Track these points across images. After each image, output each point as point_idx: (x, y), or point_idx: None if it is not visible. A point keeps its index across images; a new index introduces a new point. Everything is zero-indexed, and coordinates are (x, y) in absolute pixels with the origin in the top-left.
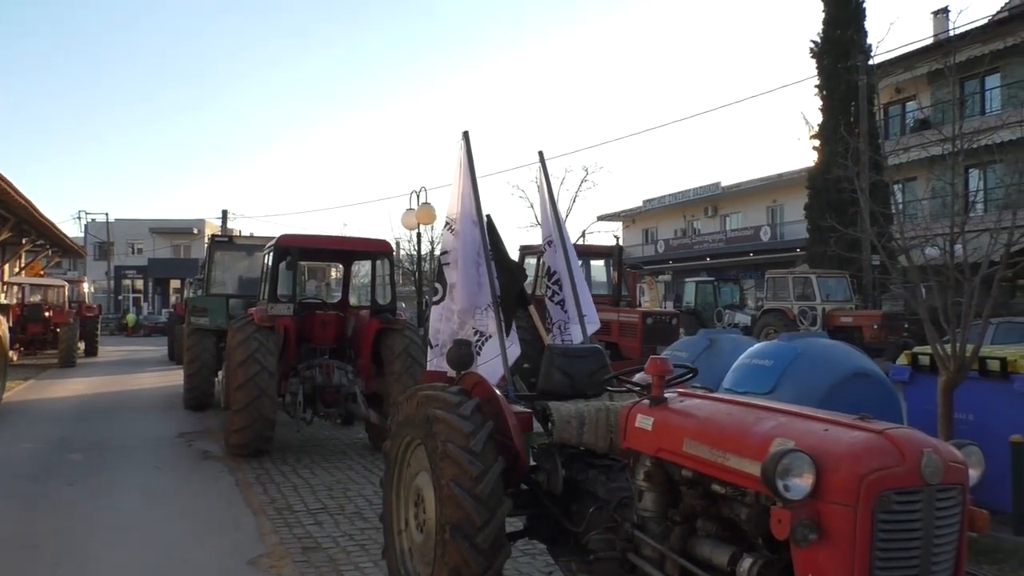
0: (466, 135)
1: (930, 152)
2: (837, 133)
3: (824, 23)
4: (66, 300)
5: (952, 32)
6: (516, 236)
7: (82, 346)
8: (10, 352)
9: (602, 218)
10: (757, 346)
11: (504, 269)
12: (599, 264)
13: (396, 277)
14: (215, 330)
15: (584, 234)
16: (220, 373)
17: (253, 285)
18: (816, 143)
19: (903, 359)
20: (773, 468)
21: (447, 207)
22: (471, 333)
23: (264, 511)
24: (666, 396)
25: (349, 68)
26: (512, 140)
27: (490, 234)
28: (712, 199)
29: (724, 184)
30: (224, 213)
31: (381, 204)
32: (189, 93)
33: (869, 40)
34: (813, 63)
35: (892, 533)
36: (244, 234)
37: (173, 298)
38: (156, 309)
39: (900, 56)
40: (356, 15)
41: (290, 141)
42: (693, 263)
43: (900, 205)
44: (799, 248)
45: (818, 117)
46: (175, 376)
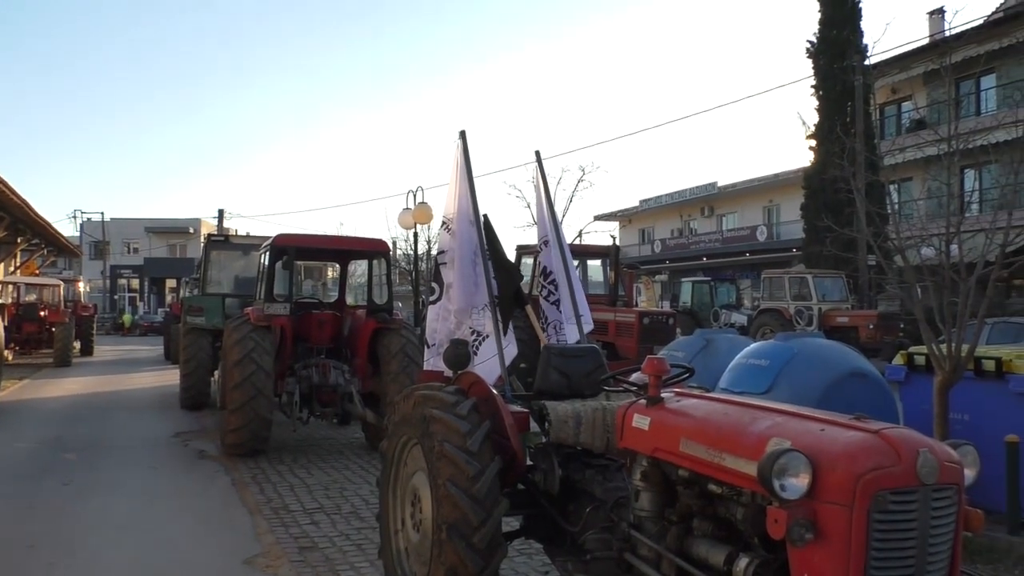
0: (463, 135)
1: (926, 152)
2: (833, 133)
3: (820, 23)
4: (61, 299)
5: (948, 32)
6: (513, 236)
7: (77, 345)
8: (5, 351)
9: (599, 218)
10: (753, 346)
11: (501, 269)
12: (596, 264)
13: (393, 277)
14: (211, 330)
15: (581, 234)
16: (216, 373)
17: (249, 285)
18: (812, 143)
19: (899, 359)
20: (769, 468)
21: (444, 207)
22: (468, 333)
23: (260, 511)
24: (663, 396)
25: (345, 68)
26: (509, 140)
27: (487, 234)
28: (708, 199)
29: (720, 184)
30: (220, 212)
31: (377, 203)
32: (185, 93)
33: (865, 40)
34: (809, 63)
35: (888, 533)
36: (240, 233)
37: (169, 297)
38: (152, 308)
39: (896, 56)
40: (353, 16)
41: (286, 140)
42: (689, 263)
43: (896, 205)
44: (795, 248)
45: (814, 117)
46: (171, 376)
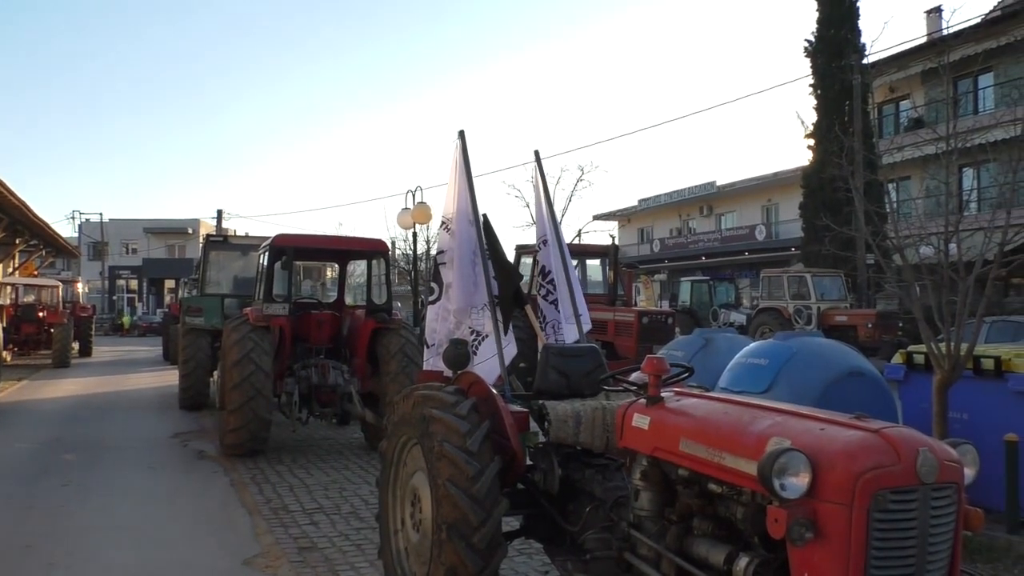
0: (462, 134)
1: (924, 151)
2: (831, 132)
3: (818, 22)
4: (60, 300)
5: (945, 31)
6: (512, 235)
7: (76, 346)
8: (4, 352)
9: (598, 217)
10: (753, 345)
11: (500, 268)
12: (595, 264)
13: (392, 277)
14: (210, 330)
15: (580, 233)
16: (215, 373)
17: (248, 285)
18: (810, 142)
19: (898, 358)
20: (769, 467)
21: (443, 206)
22: (467, 332)
23: (259, 511)
24: (662, 395)
25: (343, 69)
26: (508, 140)
27: (486, 233)
28: (707, 198)
29: (719, 183)
30: (219, 213)
31: (376, 203)
32: (183, 93)
33: (863, 39)
34: (807, 62)
35: (888, 532)
36: (239, 234)
37: (168, 298)
38: (151, 309)
39: (894, 55)
40: (352, 16)
41: (285, 141)
42: (688, 262)
43: (894, 204)
44: (794, 247)
45: (812, 116)
46: (170, 376)
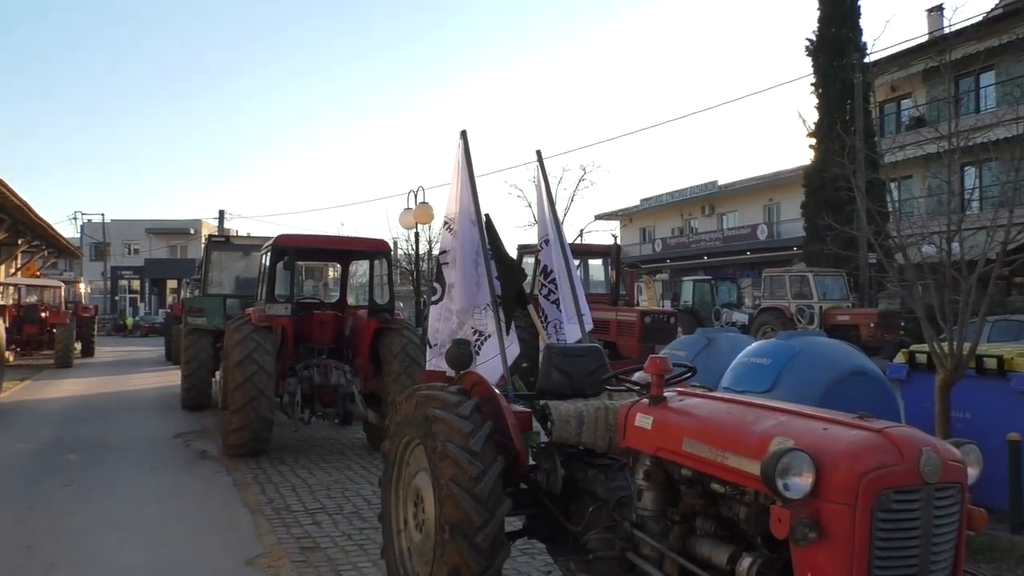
0: (464, 134)
1: (925, 150)
2: (833, 131)
3: (819, 21)
4: (62, 301)
5: (947, 30)
6: (514, 235)
7: (78, 347)
8: (6, 353)
9: (599, 217)
10: (755, 345)
11: (503, 268)
12: (597, 263)
13: (394, 277)
14: (212, 330)
15: (582, 233)
16: (217, 373)
17: (250, 285)
18: (812, 141)
19: (900, 357)
20: (773, 467)
21: (445, 206)
22: (470, 332)
23: (262, 511)
24: (665, 395)
25: (345, 69)
26: (510, 139)
27: (489, 233)
28: (709, 198)
29: (721, 183)
30: (221, 213)
31: (379, 204)
32: (185, 94)
33: (865, 38)
34: (809, 61)
35: (891, 532)
36: (241, 234)
37: (170, 298)
38: (153, 309)
39: (895, 54)
40: (352, 16)
41: (287, 141)
42: (690, 262)
43: (896, 203)
44: (796, 247)
45: (814, 115)
46: (172, 376)
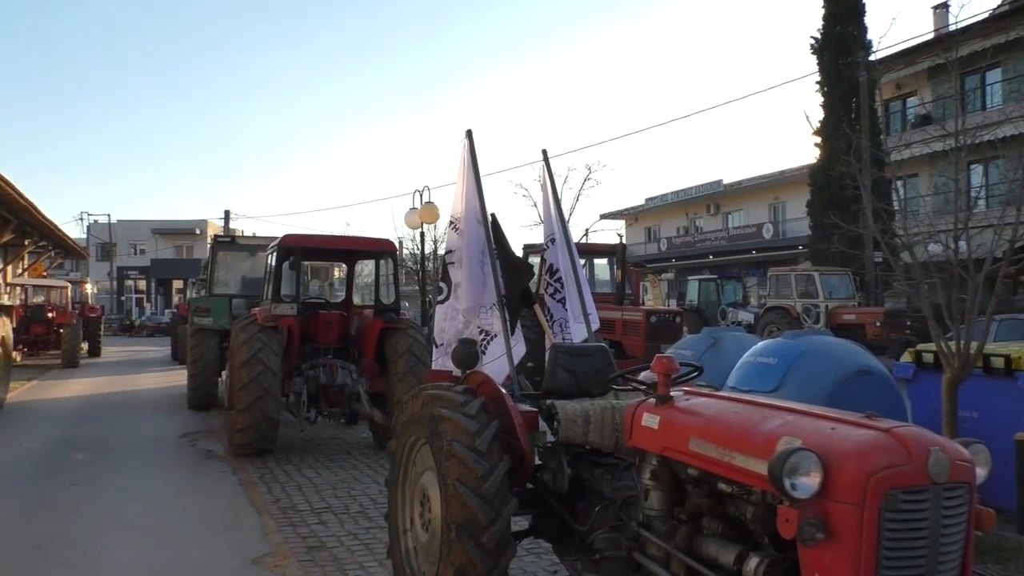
0: (469, 134)
1: (932, 148)
2: (839, 130)
3: (824, 19)
4: (69, 301)
5: (953, 27)
6: (519, 235)
7: (85, 347)
8: (13, 353)
9: (605, 216)
10: (761, 344)
11: (509, 267)
12: (602, 263)
13: (400, 276)
14: (218, 330)
15: (587, 232)
16: (223, 373)
17: (256, 285)
18: (818, 140)
19: (907, 356)
20: (780, 467)
21: (451, 206)
22: (476, 332)
23: (268, 510)
24: (672, 395)
25: (351, 68)
26: (515, 139)
27: (495, 233)
28: (714, 197)
29: (726, 182)
30: (226, 213)
31: (384, 203)
32: (190, 95)
33: (870, 36)
34: (814, 59)
35: (899, 532)
36: (247, 234)
37: (176, 298)
38: (159, 309)
39: (900, 52)
40: (358, 19)
41: (293, 141)
42: (696, 261)
43: (903, 201)
44: (801, 245)
45: (819, 114)
46: (178, 376)
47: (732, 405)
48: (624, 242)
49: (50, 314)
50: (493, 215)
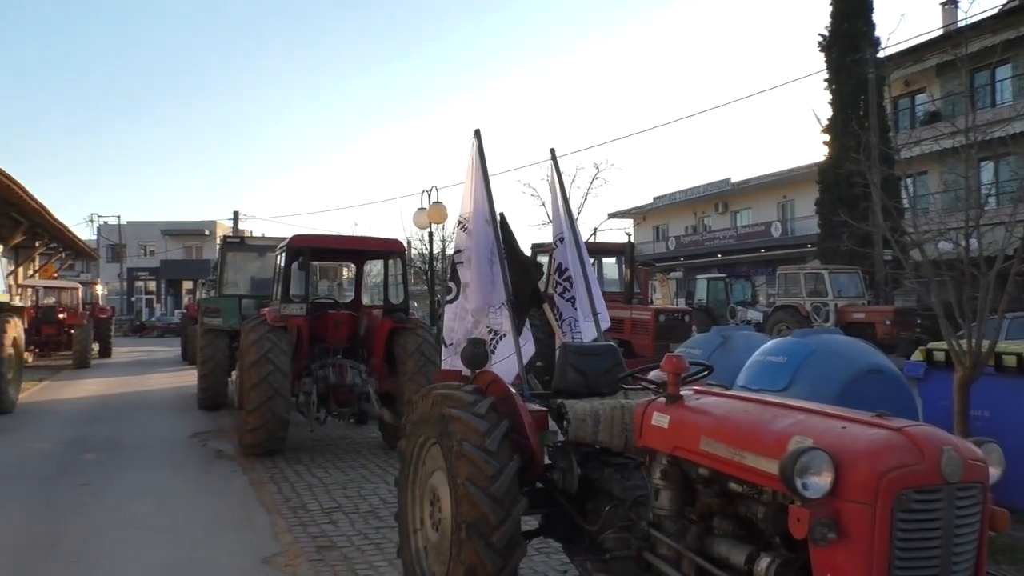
0: (477, 133)
1: (941, 145)
2: (847, 127)
3: (832, 16)
4: (80, 302)
5: (962, 23)
6: (528, 234)
7: (96, 347)
8: (25, 354)
9: (613, 215)
10: (771, 343)
11: (518, 267)
12: (611, 262)
13: (408, 276)
14: (228, 331)
15: (595, 232)
16: (234, 373)
17: (265, 286)
18: (826, 137)
19: (918, 355)
20: (791, 466)
21: (460, 206)
22: (485, 332)
23: (278, 510)
24: (682, 394)
25: (359, 69)
26: (523, 139)
27: (503, 232)
28: (722, 195)
29: (734, 180)
30: (235, 214)
31: (392, 203)
32: (198, 97)
33: (878, 32)
34: (821, 57)
35: (912, 532)
36: (256, 235)
37: (186, 299)
38: (169, 310)
39: (909, 48)
40: (364, 20)
41: (301, 142)
42: (704, 260)
43: (912, 199)
44: (810, 244)
45: (827, 111)
46: (189, 376)
47: (742, 404)
48: (632, 241)
49: (61, 315)
50: (502, 214)
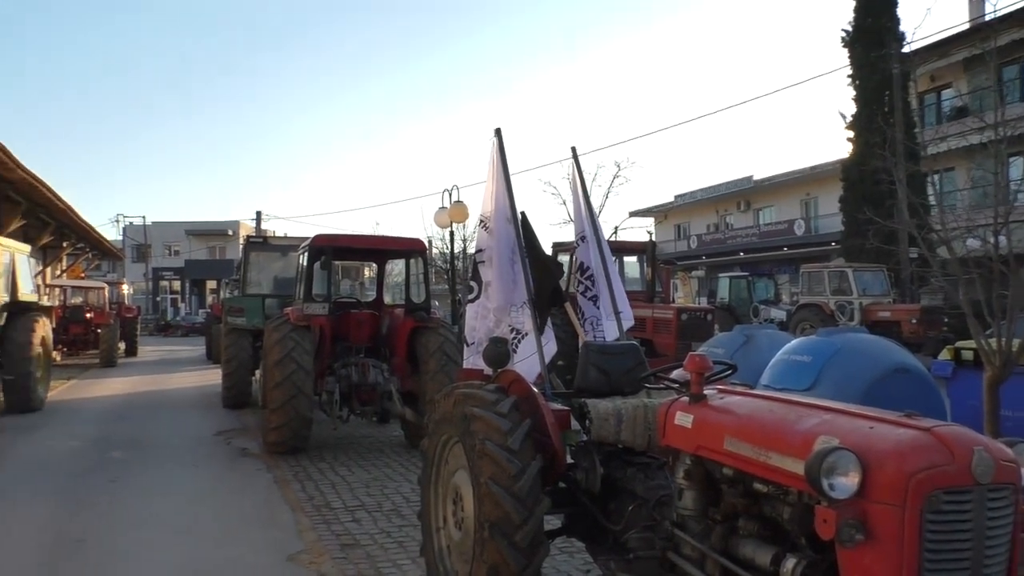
0: (498, 132)
1: (969, 141)
2: (872, 123)
3: (855, 11)
4: (106, 301)
5: (989, 16)
6: (549, 233)
7: (122, 346)
8: (53, 353)
9: (634, 214)
10: (795, 342)
11: (539, 266)
12: (632, 260)
13: (430, 275)
14: (252, 330)
15: (616, 230)
16: (257, 372)
17: (288, 285)
18: (850, 134)
19: (946, 354)
20: (818, 466)
21: (481, 205)
22: (507, 330)
23: (302, 508)
24: (705, 393)
25: (381, 69)
26: (544, 137)
27: (525, 231)
28: (745, 193)
29: (756, 177)
30: (258, 214)
31: (414, 203)
32: (222, 99)
33: (903, 27)
34: (845, 52)
35: (942, 534)
36: (278, 235)
37: (210, 298)
38: (193, 310)
39: (935, 43)
40: (384, 21)
41: (323, 143)
42: (726, 258)
43: (939, 195)
44: (834, 242)
45: (851, 107)
46: (213, 375)
47: (767, 404)
48: (654, 240)
49: (88, 314)
50: (523, 213)
